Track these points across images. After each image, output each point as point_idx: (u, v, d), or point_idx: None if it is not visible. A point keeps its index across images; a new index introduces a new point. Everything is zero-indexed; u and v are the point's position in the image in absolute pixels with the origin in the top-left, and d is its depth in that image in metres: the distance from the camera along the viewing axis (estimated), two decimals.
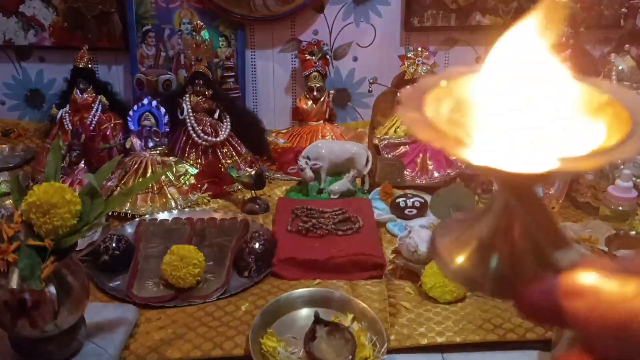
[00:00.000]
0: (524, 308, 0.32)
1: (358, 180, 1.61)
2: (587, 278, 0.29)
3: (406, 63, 1.73)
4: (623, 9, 1.61)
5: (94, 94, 1.70)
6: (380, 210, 1.48)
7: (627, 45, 1.52)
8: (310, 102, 1.85)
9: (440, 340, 1.03)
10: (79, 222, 0.88)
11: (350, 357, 0.94)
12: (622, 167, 1.44)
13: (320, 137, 1.81)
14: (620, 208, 1.36)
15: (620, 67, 1.50)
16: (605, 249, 1.22)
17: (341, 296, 1.09)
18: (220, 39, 1.85)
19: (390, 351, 1.01)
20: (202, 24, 1.71)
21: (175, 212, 1.44)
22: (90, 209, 0.89)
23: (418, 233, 1.23)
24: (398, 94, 1.74)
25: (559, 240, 0.34)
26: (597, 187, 1.51)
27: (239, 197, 1.57)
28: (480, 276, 0.35)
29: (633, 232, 1.29)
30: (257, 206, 1.50)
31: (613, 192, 1.37)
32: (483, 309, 1.10)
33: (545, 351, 1.01)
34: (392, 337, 1.03)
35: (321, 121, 1.87)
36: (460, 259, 0.36)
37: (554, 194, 1.54)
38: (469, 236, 0.36)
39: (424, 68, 1.71)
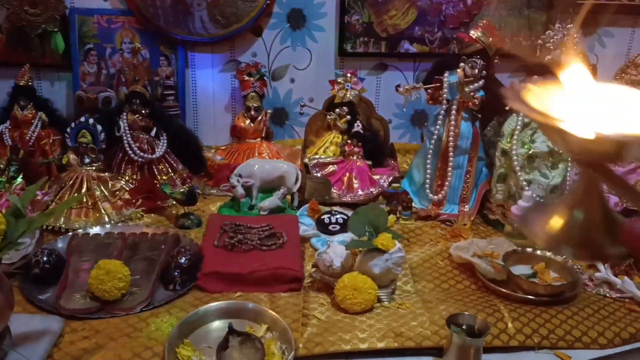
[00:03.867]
0: (627, 238, 0.52)
1: (288, 197, 1.71)
2: None
3: (336, 87, 1.84)
4: (539, 41, 1.74)
5: (34, 111, 1.75)
6: (307, 226, 1.58)
7: (535, 77, 1.65)
8: (248, 121, 1.93)
9: (346, 347, 1.13)
10: (3, 240, 0.94)
11: None
12: (527, 188, 1.57)
13: (257, 154, 1.89)
14: None
15: None
16: (503, 263, 1.34)
17: (254, 308, 1.18)
18: (160, 58, 1.92)
19: (299, 358, 1.10)
20: (139, 45, 1.78)
21: (108, 226, 1.51)
22: (14, 228, 0.95)
23: (334, 249, 1.33)
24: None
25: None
26: (505, 205, 1.65)
27: (173, 212, 1.64)
28: (567, 241, 0.55)
29: (529, 249, 1.42)
30: (190, 221, 1.58)
31: (515, 211, 1.49)
32: (387, 319, 1.20)
33: (438, 357, 1.12)
34: (302, 345, 1.12)
35: (258, 139, 1.95)
36: (550, 231, 0.55)
37: (467, 212, 1.67)
38: (556, 213, 0.56)
39: (353, 93, 1.82)
